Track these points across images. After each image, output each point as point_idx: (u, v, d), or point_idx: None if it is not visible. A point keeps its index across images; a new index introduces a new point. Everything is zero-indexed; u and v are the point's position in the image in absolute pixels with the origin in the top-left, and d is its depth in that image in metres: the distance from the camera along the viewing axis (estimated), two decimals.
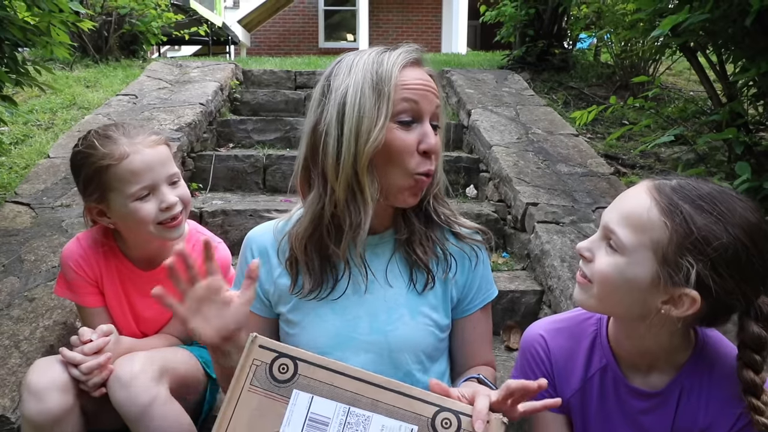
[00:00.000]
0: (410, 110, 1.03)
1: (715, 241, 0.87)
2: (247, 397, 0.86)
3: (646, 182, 0.97)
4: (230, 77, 4.30)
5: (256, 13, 12.45)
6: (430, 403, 0.86)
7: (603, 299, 0.97)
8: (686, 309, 0.90)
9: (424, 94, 1.04)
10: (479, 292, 1.22)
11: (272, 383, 0.86)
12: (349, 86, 1.03)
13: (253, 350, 0.88)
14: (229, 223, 2.70)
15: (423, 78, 1.06)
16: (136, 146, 1.32)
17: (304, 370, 0.87)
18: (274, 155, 3.32)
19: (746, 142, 2.26)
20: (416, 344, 1.14)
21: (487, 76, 4.48)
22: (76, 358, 1.22)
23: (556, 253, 2.34)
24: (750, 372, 0.92)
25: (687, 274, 0.88)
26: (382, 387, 0.87)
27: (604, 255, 0.96)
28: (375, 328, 1.13)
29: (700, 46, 2.68)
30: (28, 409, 1.19)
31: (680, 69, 4.95)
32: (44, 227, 2.27)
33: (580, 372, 1.10)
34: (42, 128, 3.24)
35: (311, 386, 0.86)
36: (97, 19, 4.54)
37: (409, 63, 1.06)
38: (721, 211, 0.89)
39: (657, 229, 0.90)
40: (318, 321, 1.13)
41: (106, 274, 1.44)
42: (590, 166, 3.13)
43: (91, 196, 1.35)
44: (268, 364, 0.87)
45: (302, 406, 0.85)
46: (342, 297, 1.14)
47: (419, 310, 1.15)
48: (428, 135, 1.04)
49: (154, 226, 1.34)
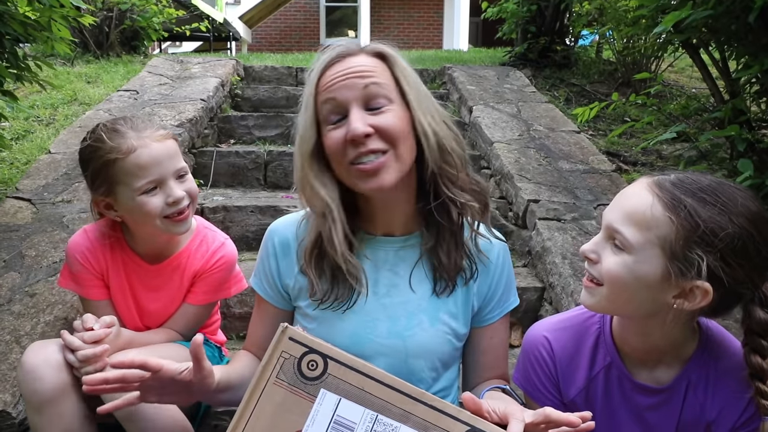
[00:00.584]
0: (333, 109, 1.05)
1: (722, 232, 0.88)
2: (271, 389, 0.82)
3: (645, 179, 0.97)
4: (231, 73, 4.29)
5: (257, 9, 12.43)
6: (462, 422, 0.82)
7: (614, 300, 0.97)
8: (699, 301, 0.91)
9: (342, 84, 1.04)
10: (500, 302, 1.21)
11: (299, 379, 0.83)
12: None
13: (282, 341, 0.84)
14: (230, 219, 2.70)
15: (341, 69, 1.05)
16: (143, 140, 1.32)
17: (335, 370, 0.83)
18: (275, 151, 3.32)
19: (749, 139, 2.26)
20: (433, 351, 1.13)
21: (488, 72, 4.47)
22: (74, 343, 1.21)
23: (557, 250, 2.34)
24: (757, 357, 0.93)
25: (698, 267, 0.88)
26: (415, 398, 0.83)
27: (610, 255, 0.96)
28: (394, 332, 1.12)
29: (702, 43, 2.67)
30: (24, 388, 1.19)
31: (683, 66, 4.93)
32: (45, 223, 2.27)
33: (584, 371, 1.10)
34: (43, 124, 3.24)
35: (340, 388, 0.83)
36: (98, 15, 4.53)
37: (331, 62, 1.07)
38: (724, 202, 0.90)
39: (662, 225, 0.90)
40: (336, 319, 1.13)
41: (112, 266, 1.44)
42: (592, 163, 3.13)
43: (99, 189, 1.35)
44: (297, 359, 0.83)
45: (329, 407, 0.82)
46: (362, 296, 1.13)
47: (438, 317, 1.14)
48: (350, 122, 1.03)
49: (160, 220, 1.34)
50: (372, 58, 1.08)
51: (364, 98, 1.04)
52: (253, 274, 1.23)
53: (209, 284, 1.47)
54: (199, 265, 1.46)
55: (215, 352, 1.57)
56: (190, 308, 1.48)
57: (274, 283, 1.19)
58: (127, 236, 1.47)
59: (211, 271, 1.46)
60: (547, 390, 1.12)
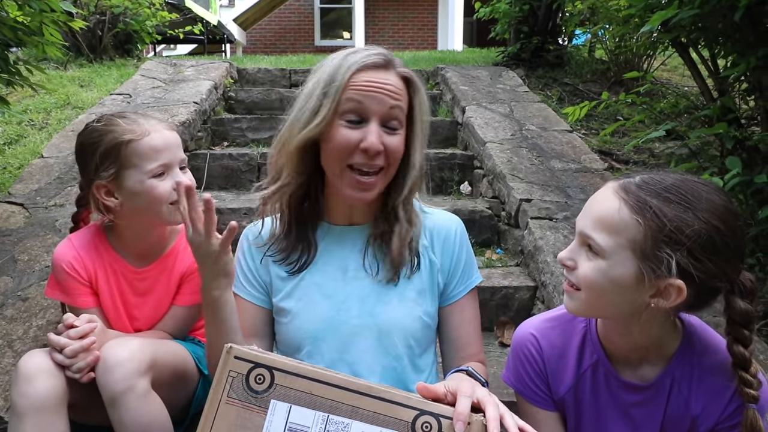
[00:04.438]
0: (355, 110, 1.09)
1: (688, 229, 0.90)
2: (225, 409, 0.86)
3: (612, 184, 1.00)
4: (225, 76, 4.30)
5: (252, 11, 12.42)
6: (410, 407, 0.86)
7: (593, 304, 0.99)
8: (674, 299, 0.92)
9: (372, 94, 1.09)
10: (464, 276, 1.27)
11: (249, 394, 0.86)
12: (309, 82, 1.15)
13: (228, 361, 0.87)
14: (224, 221, 2.66)
15: (377, 80, 1.10)
16: (156, 127, 1.38)
17: (281, 380, 0.87)
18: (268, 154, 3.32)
19: (737, 136, 2.27)
20: (405, 327, 1.19)
21: (481, 72, 4.49)
22: (60, 341, 1.22)
23: (549, 249, 2.35)
24: (740, 346, 0.95)
25: (668, 265, 0.90)
26: (362, 393, 0.86)
27: (585, 261, 0.98)
28: (365, 311, 1.18)
29: (691, 42, 2.68)
30: (17, 392, 1.19)
31: (675, 64, 4.95)
32: (38, 227, 2.28)
33: (572, 369, 1.11)
34: (36, 128, 3.24)
35: (289, 395, 0.86)
36: (91, 19, 4.53)
37: (368, 66, 1.10)
38: (688, 199, 0.92)
39: (631, 228, 0.92)
40: (309, 306, 1.19)
41: (100, 272, 1.44)
42: (584, 162, 3.14)
43: (106, 171, 1.36)
44: (245, 375, 0.87)
45: (281, 417, 0.85)
46: (330, 281, 1.21)
47: (406, 295, 1.20)
48: (370, 134, 1.09)
49: (167, 205, 1.37)
50: (400, 81, 1.13)
51: (386, 116, 1.11)
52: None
53: (197, 284, 1.46)
54: (187, 265, 1.47)
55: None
56: (179, 310, 1.48)
57: (253, 279, 1.25)
58: (112, 241, 1.47)
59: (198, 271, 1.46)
60: (537, 387, 1.13)
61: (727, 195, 0.96)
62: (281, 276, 1.23)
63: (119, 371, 1.18)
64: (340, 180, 1.13)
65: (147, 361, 1.21)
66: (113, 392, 1.18)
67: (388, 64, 1.13)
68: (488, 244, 2.88)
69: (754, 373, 0.95)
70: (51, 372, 1.21)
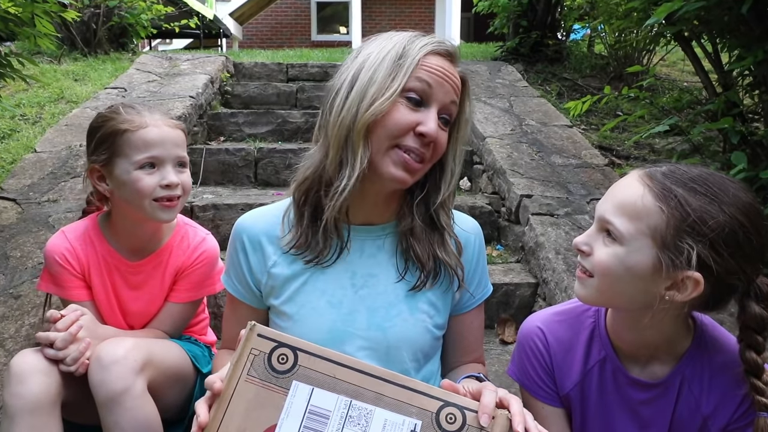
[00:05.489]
0: (421, 90, 1.03)
1: (712, 221, 0.87)
2: (243, 387, 0.83)
3: (637, 171, 0.97)
4: (221, 70, 4.25)
5: (248, 5, 12.34)
6: (435, 398, 0.84)
7: (605, 291, 0.96)
8: (690, 292, 0.90)
9: (441, 81, 1.04)
10: (477, 289, 1.22)
11: (271, 374, 0.84)
12: (371, 53, 1.05)
13: (251, 339, 0.85)
14: (220, 217, 2.67)
15: (447, 68, 1.05)
16: (156, 121, 1.38)
17: (305, 361, 0.84)
18: (265, 148, 3.29)
19: (742, 131, 2.24)
20: (414, 341, 1.12)
21: (480, 67, 4.45)
22: (49, 336, 1.20)
23: (550, 245, 2.32)
24: (752, 353, 0.93)
25: (688, 256, 0.88)
26: (386, 380, 0.84)
27: (602, 246, 0.95)
28: (374, 323, 1.10)
29: (695, 35, 2.66)
30: (9, 393, 1.16)
31: (674, 60, 4.93)
32: (30, 223, 2.23)
33: (579, 364, 1.09)
34: (29, 122, 3.19)
35: (312, 378, 0.84)
36: (85, 12, 4.48)
37: (439, 51, 1.06)
38: (714, 191, 0.89)
39: (653, 215, 0.90)
40: (313, 314, 1.10)
41: (93, 265, 1.42)
42: (584, 157, 3.11)
43: (100, 156, 1.37)
44: (267, 354, 0.84)
45: (302, 398, 0.83)
46: (338, 288, 1.11)
47: (418, 307, 1.13)
48: (429, 120, 1.03)
49: (149, 201, 1.34)
50: (458, 79, 1.08)
51: (444, 108, 1.06)
52: (224, 272, 1.21)
53: (192, 281, 1.45)
54: (181, 261, 1.45)
55: (205, 351, 1.55)
56: (174, 307, 1.46)
57: (245, 280, 1.16)
58: (106, 234, 1.45)
59: (193, 267, 1.45)
60: (542, 381, 1.11)
61: (754, 194, 0.94)
62: (285, 276, 1.13)
63: (116, 370, 1.15)
64: (384, 157, 1.03)
65: (143, 359, 1.19)
66: (110, 392, 1.14)
67: (455, 57, 1.08)
68: (488, 240, 2.85)
69: (766, 381, 0.93)
70: (44, 371, 1.18)
